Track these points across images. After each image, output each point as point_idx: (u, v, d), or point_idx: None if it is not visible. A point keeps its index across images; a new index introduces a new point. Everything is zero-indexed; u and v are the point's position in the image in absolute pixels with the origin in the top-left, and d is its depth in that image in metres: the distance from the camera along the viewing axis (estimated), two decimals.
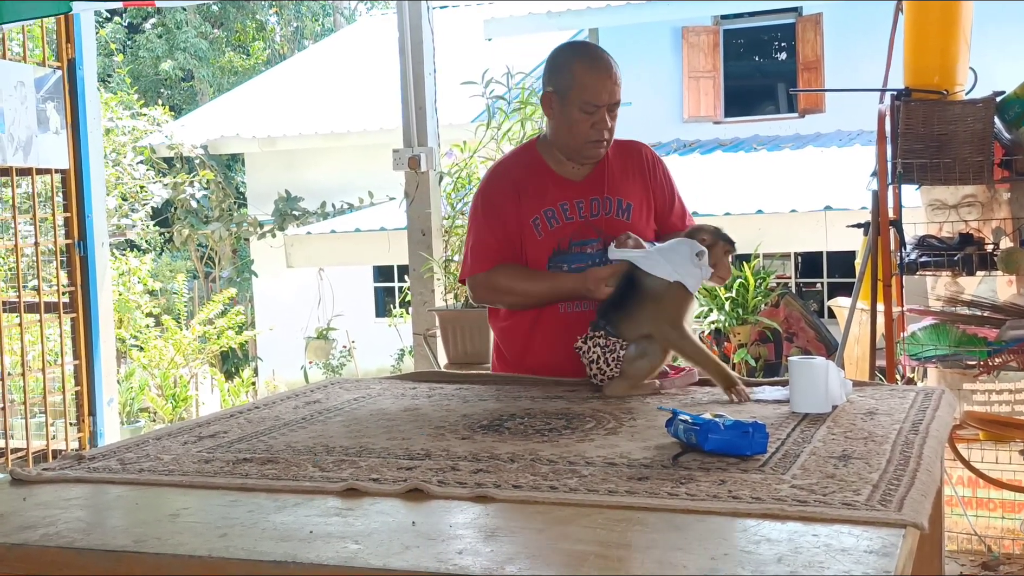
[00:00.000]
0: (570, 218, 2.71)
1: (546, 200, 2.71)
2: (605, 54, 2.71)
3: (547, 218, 2.71)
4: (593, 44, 2.81)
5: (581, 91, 2.63)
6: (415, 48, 5.15)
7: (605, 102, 2.63)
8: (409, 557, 1.34)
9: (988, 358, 3.92)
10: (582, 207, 2.71)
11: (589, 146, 2.68)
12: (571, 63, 2.67)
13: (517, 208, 2.71)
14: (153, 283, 11.39)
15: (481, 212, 2.78)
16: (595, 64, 2.65)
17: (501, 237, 2.73)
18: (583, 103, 2.63)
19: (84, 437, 4.95)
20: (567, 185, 2.73)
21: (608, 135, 2.68)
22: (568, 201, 2.71)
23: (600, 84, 2.63)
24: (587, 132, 2.65)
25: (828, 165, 9.42)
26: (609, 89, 2.63)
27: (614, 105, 2.66)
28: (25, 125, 4.63)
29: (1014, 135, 3.94)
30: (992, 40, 7.99)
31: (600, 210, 2.71)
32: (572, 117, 2.65)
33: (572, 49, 2.78)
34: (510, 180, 2.77)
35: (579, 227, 2.69)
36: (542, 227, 2.71)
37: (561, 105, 2.67)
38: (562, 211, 2.70)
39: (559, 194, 2.71)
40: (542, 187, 2.73)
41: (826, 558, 1.28)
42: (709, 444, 1.76)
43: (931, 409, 2.15)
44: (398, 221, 7.34)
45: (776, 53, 12.13)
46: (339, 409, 2.36)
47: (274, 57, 20.71)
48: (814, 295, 10.87)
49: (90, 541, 1.46)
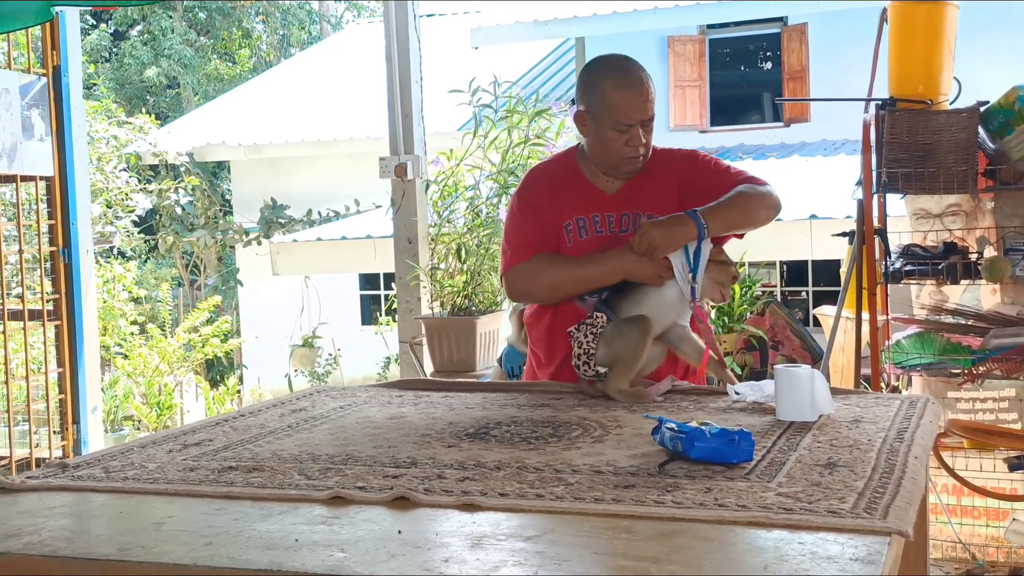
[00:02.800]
0: (600, 231, 2.69)
1: (580, 208, 2.70)
2: (636, 69, 2.65)
3: (579, 227, 2.70)
4: (625, 58, 2.72)
5: (612, 111, 2.60)
6: (402, 56, 5.16)
7: (637, 120, 2.61)
8: (395, 565, 1.33)
9: (972, 366, 3.93)
10: (612, 221, 2.69)
11: (625, 162, 2.66)
12: (601, 82, 2.63)
13: (553, 208, 2.71)
14: (138, 291, 11.35)
15: (518, 210, 2.77)
16: (626, 82, 2.61)
17: (539, 232, 2.71)
18: (615, 123, 2.61)
19: (68, 445, 4.92)
20: (601, 197, 2.71)
21: (644, 150, 2.66)
22: (600, 213, 2.69)
23: (631, 103, 2.60)
24: (622, 149, 2.63)
25: (813, 174, 9.46)
26: (640, 107, 2.61)
27: (648, 120, 2.64)
28: (9, 132, 4.61)
29: (998, 144, 3.96)
30: (976, 50, 8.05)
31: (631, 225, 2.67)
32: (605, 136, 2.63)
33: (603, 66, 2.70)
34: (547, 182, 2.78)
35: (609, 241, 2.66)
36: (573, 235, 2.70)
37: (594, 124, 2.65)
38: (593, 222, 2.69)
39: (592, 205, 2.70)
40: (576, 194, 2.72)
41: (812, 565, 1.28)
42: (695, 452, 1.76)
43: (916, 417, 2.16)
44: (384, 229, 7.34)
45: (761, 63, 12.18)
46: (325, 417, 2.36)
47: (260, 64, 20.69)
48: (799, 303, 10.90)
49: (74, 549, 1.45)
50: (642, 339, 2.43)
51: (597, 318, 2.47)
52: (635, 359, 2.43)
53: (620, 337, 2.44)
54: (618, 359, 2.43)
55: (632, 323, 2.46)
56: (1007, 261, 3.93)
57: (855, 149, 7.01)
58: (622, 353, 2.43)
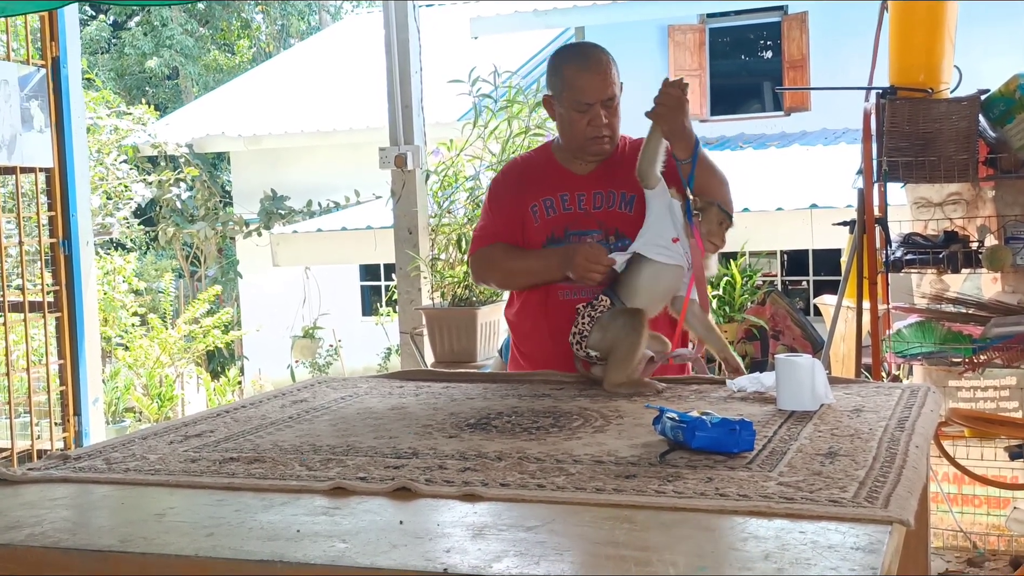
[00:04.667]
0: (568, 208, 2.76)
1: (547, 189, 2.78)
2: (598, 52, 2.75)
3: (545, 206, 2.78)
4: (588, 44, 2.88)
5: (573, 91, 2.70)
6: (401, 46, 5.14)
7: (596, 99, 2.68)
8: (396, 556, 1.33)
9: (973, 355, 3.93)
10: (583, 199, 2.76)
11: (590, 143, 2.73)
12: (563, 65, 2.75)
13: (519, 196, 2.81)
14: (138, 282, 11.35)
15: (487, 200, 2.92)
16: (584, 63, 2.71)
17: (500, 222, 2.83)
18: (575, 103, 2.70)
19: (69, 437, 4.93)
20: (570, 178, 2.79)
21: (608, 131, 2.72)
22: (569, 192, 2.77)
23: (588, 82, 2.68)
24: (585, 130, 2.71)
25: (814, 163, 9.44)
26: (599, 86, 2.68)
27: (609, 100, 2.70)
28: (9, 124, 4.60)
29: (999, 133, 3.96)
30: (977, 38, 8.03)
31: (603, 203, 2.75)
32: (569, 117, 2.73)
33: (564, 51, 2.86)
34: (516, 171, 2.91)
35: (578, 217, 2.74)
36: (540, 214, 2.78)
37: (559, 107, 2.75)
38: (561, 201, 2.77)
39: (561, 185, 2.78)
40: (545, 177, 2.81)
41: (813, 555, 1.28)
42: (696, 442, 1.77)
43: (917, 406, 2.16)
44: (384, 219, 7.33)
45: (762, 52, 12.15)
46: (326, 408, 2.36)
47: (260, 55, 20.66)
48: (800, 293, 10.90)
49: (76, 541, 1.45)
50: (636, 333, 2.43)
51: (601, 301, 2.50)
52: (630, 353, 2.43)
53: (613, 328, 2.45)
54: (613, 352, 2.44)
55: (627, 316, 2.46)
56: (1008, 250, 3.93)
57: (856, 138, 7.00)
58: (616, 346, 2.43)
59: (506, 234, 2.82)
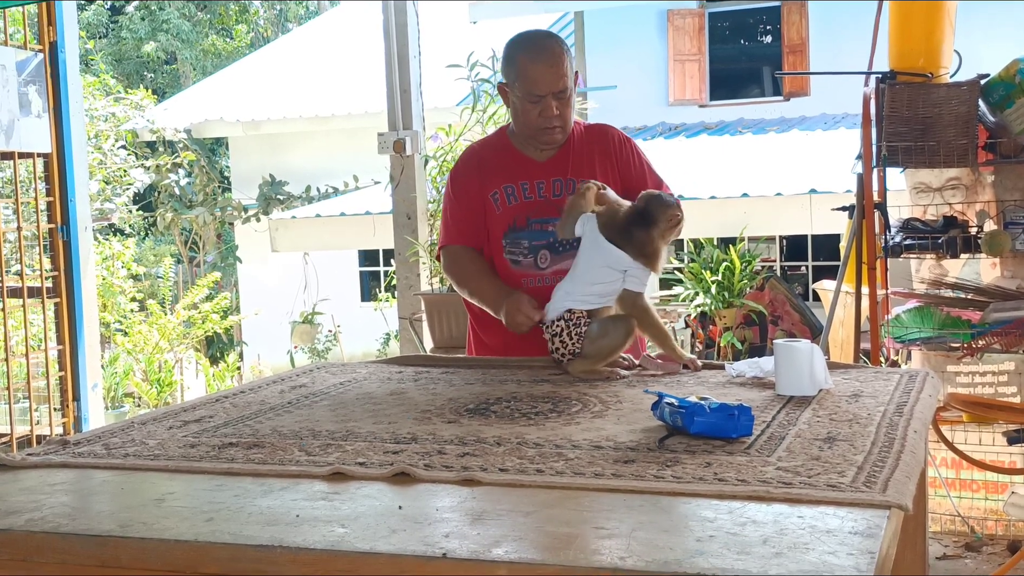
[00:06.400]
0: (529, 196, 2.79)
1: (507, 176, 2.81)
2: (552, 43, 2.75)
3: (506, 194, 2.81)
4: (543, 34, 2.89)
5: (525, 82, 2.71)
6: (399, 31, 5.13)
7: (547, 91, 2.69)
8: (395, 541, 1.33)
9: (972, 340, 3.94)
10: (543, 187, 2.79)
11: (541, 133, 2.76)
12: (516, 55, 2.76)
13: (479, 183, 2.84)
14: (137, 268, 11.34)
15: (450, 189, 2.93)
16: (537, 55, 2.71)
17: (461, 214, 2.87)
18: (527, 93, 2.71)
19: (68, 422, 4.93)
20: (530, 165, 2.81)
21: (559, 121, 2.74)
22: (529, 180, 2.80)
23: (541, 74, 2.69)
24: (536, 120, 2.74)
25: (813, 148, 9.43)
26: (550, 79, 2.69)
27: (560, 92, 2.71)
28: (7, 109, 4.59)
29: (998, 118, 3.95)
30: (977, 23, 8.02)
31: (563, 190, 2.77)
32: (522, 107, 2.75)
33: (518, 40, 2.82)
34: (475, 159, 2.92)
35: (539, 206, 2.78)
36: (501, 202, 2.81)
37: (512, 95, 2.77)
38: (521, 189, 2.80)
39: (521, 173, 2.80)
40: (505, 165, 2.83)
41: (811, 539, 1.29)
42: (695, 427, 1.77)
43: (915, 391, 2.16)
44: (383, 205, 7.32)
45: (761, 36, 12.13)
46: (325, 393, 2.36)
47: (258, 40, 20.60)
48: (799, 278, 10.91)
49: (75, 526, 1.45)
50: (627, 340, 2.47)
51: (577, 316, 2.47)
52: (611, 353, 2.47)
53: (607, 336, 2.46)
54: (599, 354, 2.46)
55: (619, 323, 2.47)
56: (1007, 235, 3.93)
57: (855, 123, 6.99)
58: (604, 349, 2.45)
59: (466, 226, 2.86)
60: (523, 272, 2.77)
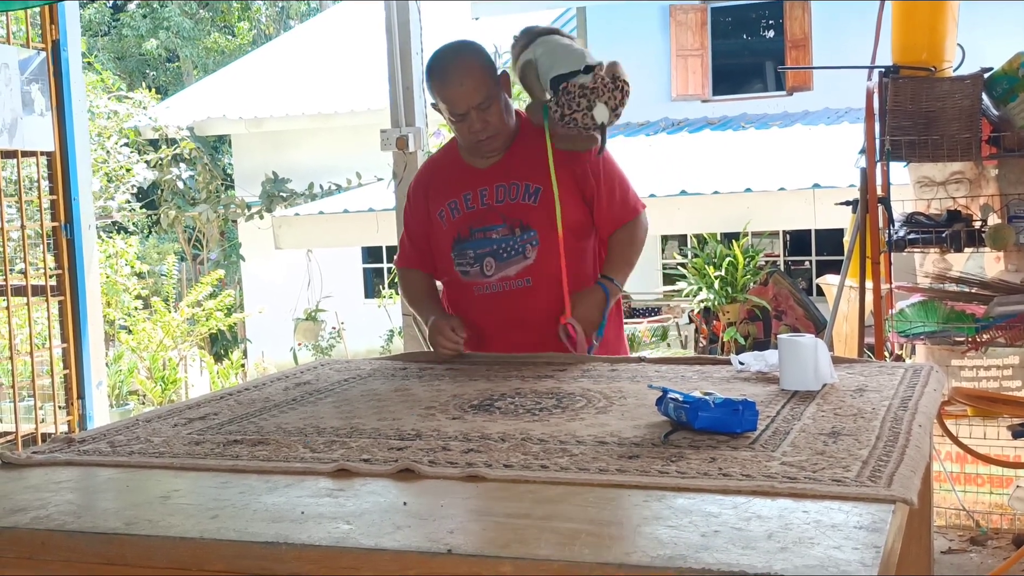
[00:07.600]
0: (471, 207, 2.82)
1: (451, 192, 2.85)
2: (457, 61, 2.74)
3: (451, 209, 2.84)
4: (449, 53, 2.78)
5: (444, 103, 2.75)
6: (402, 27, 5.12)
7: (467, 108, 2.70)
8: (400, 537, 1.34)
9: (976, 334, 3.93)
10: (485, 194, 2.81)
11: (478, 145, 2.79)
12: (429, 79, 2.79)
13: (427, 203, 2.90)
14: (140, 265, 11.34)
15: (407, 205, 3.03)
16: (445, 78, 2.72)
17: (415, 231, 2.98)
18: (449, 114, 2.74)
19: (73, 420, 4.94)
20: (472, 174, 2.84)
21: (491, 130, 2.74)
22: (472, 191, 2.82)
23: (454, 95, 2.70)
24: (468, 135, 2.77)
25: (816, 143, 9.43)
26: (466, 96, 2.69)
27: (481, 104, 2.69)
28: (10, 107, 4.59)
29: (1002, 111, 3.94)
30: (980, 17, 7.99)
31: (505, 196, 2.79)
32: (451, 125, 2.79)
33: (430, 64, 2.81)
34: (424, 178, 2.99)
35: (481, 214, 2.80)
36: (446, 218, 2.86)
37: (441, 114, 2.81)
38: (464, 201, 2.83)
39: (463, 185, 2.83)
40: (449, 180, 2.88)
41: (816, 534, 1.29)
42: (699, 422, 1.77)
43: (920, 386, 2.16)
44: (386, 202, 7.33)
45: (764, 31, 12.11)
46: (329, 390, 2.36)
47: (260, 37, 20.58)
48: (803, 273, 10.90)
49: (81, 524, 1.45)
50: None
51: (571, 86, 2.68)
52: None
53: None
54: None
55: None
56: (1011, 228, 3.92)
57: (858, 117, 6.98)
58: None
59: (416, 246, 2.97)
60: (472, 281, 2.82)
